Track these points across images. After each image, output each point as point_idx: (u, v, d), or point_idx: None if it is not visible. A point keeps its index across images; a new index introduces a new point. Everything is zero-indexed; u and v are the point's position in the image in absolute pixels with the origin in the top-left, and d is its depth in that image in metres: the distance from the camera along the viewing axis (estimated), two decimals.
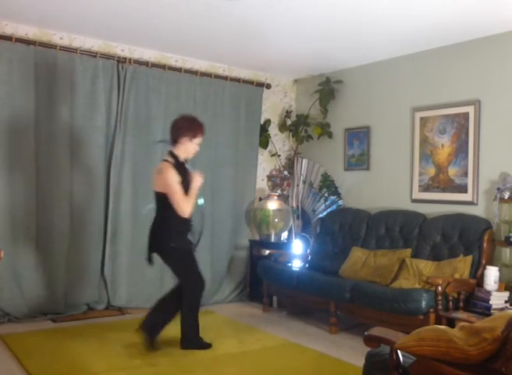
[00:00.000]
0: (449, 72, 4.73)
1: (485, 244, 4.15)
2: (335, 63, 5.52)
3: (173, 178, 3.70)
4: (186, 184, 3.78)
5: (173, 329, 4.26)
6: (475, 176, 4.50)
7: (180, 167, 3.81)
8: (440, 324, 3.57)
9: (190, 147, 3.86)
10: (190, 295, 3.87)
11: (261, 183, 6.07)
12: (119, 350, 3.85)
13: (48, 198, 4.66)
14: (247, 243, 5.79)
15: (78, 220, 4.82)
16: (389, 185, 5.22)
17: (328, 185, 5.79)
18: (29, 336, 4.11)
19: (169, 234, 3.78)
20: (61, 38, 4.77)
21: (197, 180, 3.83)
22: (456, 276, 4.06)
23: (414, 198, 4.98)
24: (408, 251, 4.59)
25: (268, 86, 6.01)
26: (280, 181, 5.98)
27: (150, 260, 3.92)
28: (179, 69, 5.33)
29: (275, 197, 5.68)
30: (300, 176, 6.08)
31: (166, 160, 3.81)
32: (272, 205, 5.61)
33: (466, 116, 4.57)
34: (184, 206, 3.72)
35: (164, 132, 5.19)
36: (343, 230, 5.31)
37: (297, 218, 5.97)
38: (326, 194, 5.79)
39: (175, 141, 3.85)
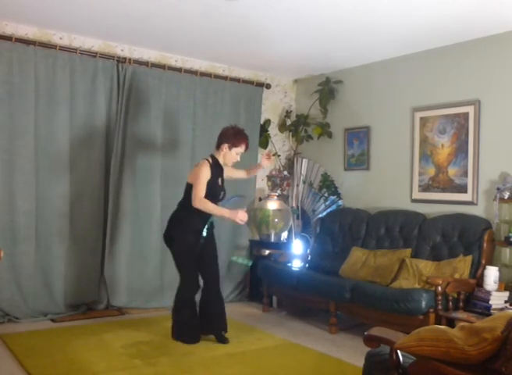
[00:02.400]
0: (449, 72, 4.73)
1: (484, 244, 4.15)
2: (335, 63, 5.52)
3: (204, 173, 3.92)
4: (212, 186, 4.00)
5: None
6: (475, 176, 4.50)
7: (217, 169, 4.06)
8: (440, 324, 3.57)
9: (229, 154, 4.09)
10: (179, 292, 4.05)
11: (261, 183, 6.07)
12: (119, 350, 3.85)
13: (48, 198, 4.66)
14: (247, 243, 5.79)
15: (78, 220, 4.82)
16: (389, 185, 5.22)
17: (328, 185, 5.79)
18: (29, 336, 4.11)
19: (176, 223, 4.03)
20: (61, 38, 4.76)
21: (236, 216, 3.90)
22: (456, 276, 4.06)
23: (413, 198, 4.98)
24: (408, 251, 4.59)
25: (268, 86, 6.01)
26: (280, 181, 5.97)
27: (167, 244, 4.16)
28: (179, 69, 5.33)
29: (275, 197, 5.67)
30: (300, 176, 6.08)
31: (206, 158, 4.07)
32: (272, 205, 5.60)
33: (466, 116, 4.57)
34: (198, 196, 3.85)
35: (164, 132, 5.20)
36: (343, 230, 5.30)
37: (297, 218, 5.96)
38: (326, 194, 5.79)
39: (218, 146, 4.11)
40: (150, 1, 3.94)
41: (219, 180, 4.13)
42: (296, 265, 5.40)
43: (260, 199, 5.81)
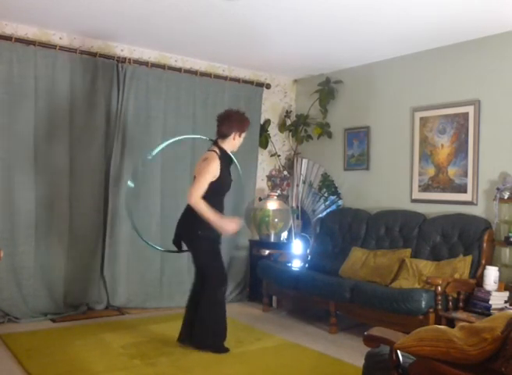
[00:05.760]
0: (449, 72, 4.73)
1: (484, 244, 4.15)
2: (335, 63, 5.52)
3: (212, 170, 3.71)
4: (225, 180, 3.82)
5: (172, 327, 4.27)
6: (475, 176, 4.50)
7: (225, 160, 3.86)
8: (440, 324, 3.57)
9: (238, 141, 3.94)
10: (209, 288, 3.78)
11: (261, 183, 6.07)
12: (119, 350, 3.85)
13: (48, 198, 4.66)
14: (246, 243, 5.78)
15: (78, 220, 4.82)
16: (389, 185, 5.22)
17: (327, 185, 5.79)
18: (29, 336, 4.11)
19: (197, 221, 3.72)
20: (60, 38, 4.76)
21: (228, 226, 3.81)
22: (456, 276, 4.06)
23: (413, 198, 4.98)
24: (408, 251, 4.59)
25: (268, 86, 6.01)
26: (280, 181, 5.97)
27: (178, 247, 3.92)
28: (178, 69, 5.33)
29: (275, 197, 5.69)
30: (299, 176, 6.08)
31: (214, 150, 3.83)
32: (272, 205, 5.61)
33: (465, 116, 4.57)
34: (196, 193, 3.64)
35: (164, 132, 5.20)
36: (343, 230, 5.30)
37: (297, 218, 5.97)
38: (326, 194, 5.79)
39: (226, 135, 3.88)
40: (150, 2, 3.94)
41: (229, 171, 3.96)
42: (296, 265, 5.41)
43: (260, 199, 5.82)
